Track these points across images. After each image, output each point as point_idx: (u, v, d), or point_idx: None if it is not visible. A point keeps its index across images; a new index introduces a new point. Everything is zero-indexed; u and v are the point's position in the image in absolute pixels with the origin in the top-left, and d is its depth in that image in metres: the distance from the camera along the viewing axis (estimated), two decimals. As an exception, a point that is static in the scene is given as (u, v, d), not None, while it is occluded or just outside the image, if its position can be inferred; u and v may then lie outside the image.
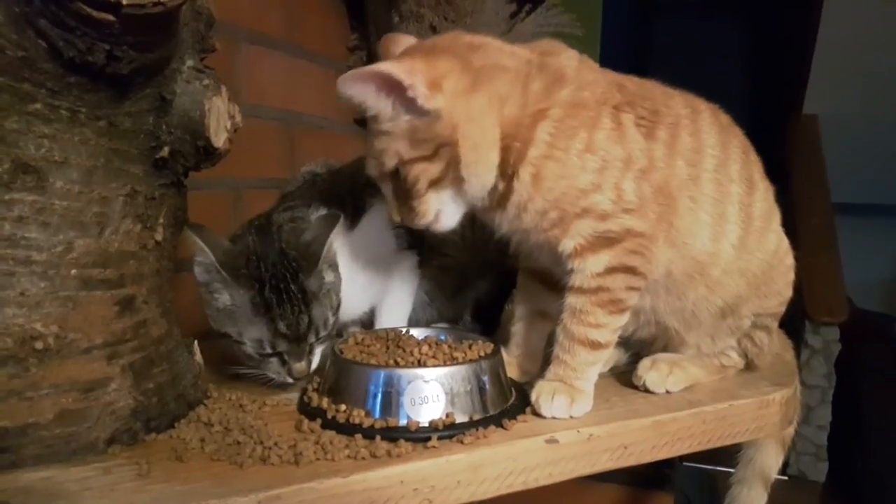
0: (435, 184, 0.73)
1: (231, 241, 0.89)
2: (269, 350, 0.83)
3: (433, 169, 0.72)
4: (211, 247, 0.81)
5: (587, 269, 0.76)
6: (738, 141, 0.88)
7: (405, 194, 0.74)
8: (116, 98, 0.65)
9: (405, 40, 0.83)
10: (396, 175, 0.73)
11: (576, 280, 0.77)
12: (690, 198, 0.80)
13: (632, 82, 0.83)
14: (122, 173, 0.68)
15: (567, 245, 0.76)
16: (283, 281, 0.82)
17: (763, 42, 3.87)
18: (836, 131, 3.07)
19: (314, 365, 0.86)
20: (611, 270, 0.75)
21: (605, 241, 0.75)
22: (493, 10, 1.72)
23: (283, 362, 0.84)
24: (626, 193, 0.74)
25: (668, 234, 0.78)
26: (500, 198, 0.76)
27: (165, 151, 0.71)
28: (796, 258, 0.95)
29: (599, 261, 0.75)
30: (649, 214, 0.76)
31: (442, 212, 0.77)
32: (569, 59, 0.79)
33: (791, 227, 0.95)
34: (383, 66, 0.68)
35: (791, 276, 0.94)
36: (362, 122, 2.05)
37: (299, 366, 0.84)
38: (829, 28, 3.04)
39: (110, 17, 0.56)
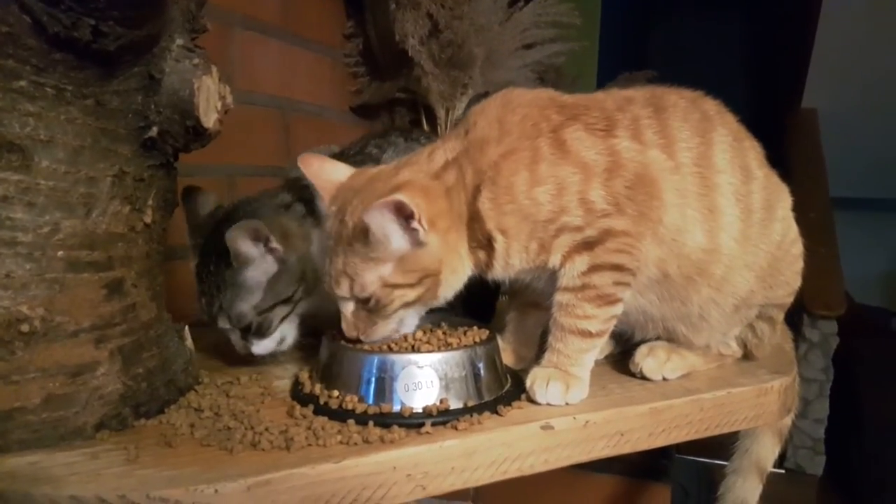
0: (408, 306, 0.77)
1: None
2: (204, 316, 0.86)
3: (411, 294, 0.76)
4: (199, 206, 0.90)
5: (572, 270, 0.76)
6: (726, 129, 0.84)
7: (371, 312, 0.77)
8: (103, 76, 0.64)
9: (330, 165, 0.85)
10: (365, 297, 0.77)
11: (563, 280, 0.77)
12: (677, 191, 0.78)
13: (572, 98, 0.83)
14: (110, 153, 0.67)
15: (555, 260, 0.77)
16: (208, 258, 0.85)
17: (762, 35, 3.85)
18: (835, 126, 3.06)
19: (259, 349, 0.87)
20: (595, 269, 0.76)
21: (584, 244, 0.76)
22: (490, -1, 1.70)
23: None
24: (596, 203, 0.75)
25: (655, 231, 0.77)
26: (485, 264, 0.79)
27: (154, 131, 0.69)
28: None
29: (582, 262, 0.76)
30: (628, 211, 0.75)
31: (404, 322, 0.79)
32: (486, 117, 0.80)
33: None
34: (399, 196, 0.70)
35: (799, 265, 0.92)
36: (358, 109, 2.03)
37: (234, 340, 0.87)
38: (829, 22, 3.02)
39: (95, -9, 0.55)
